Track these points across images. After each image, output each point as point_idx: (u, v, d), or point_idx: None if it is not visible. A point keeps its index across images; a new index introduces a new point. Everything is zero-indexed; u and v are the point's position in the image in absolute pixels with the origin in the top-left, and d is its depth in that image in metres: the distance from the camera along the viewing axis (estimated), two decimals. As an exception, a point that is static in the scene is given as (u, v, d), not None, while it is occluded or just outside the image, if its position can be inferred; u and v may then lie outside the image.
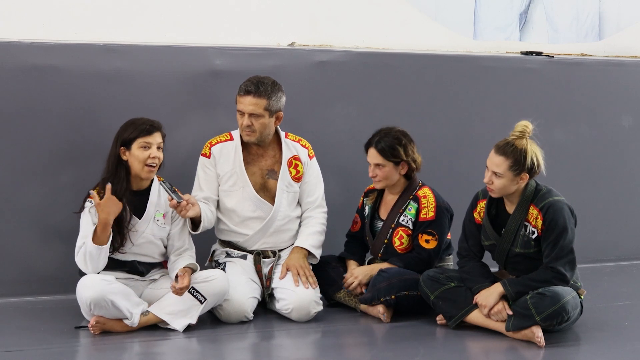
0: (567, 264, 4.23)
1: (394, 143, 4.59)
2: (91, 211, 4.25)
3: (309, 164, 4.74)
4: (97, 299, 4.11)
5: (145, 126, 4.29)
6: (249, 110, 4.51)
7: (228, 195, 4.64)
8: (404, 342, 4.25)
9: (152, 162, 4.29)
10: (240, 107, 4.54)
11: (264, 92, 4.50)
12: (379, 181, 4.65)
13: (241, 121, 4.55)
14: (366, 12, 5.62)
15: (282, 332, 4.41)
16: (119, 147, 4.29)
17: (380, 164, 4.60)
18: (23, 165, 4.77)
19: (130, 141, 4.27)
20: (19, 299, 4.72)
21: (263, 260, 4.67)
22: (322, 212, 4.79)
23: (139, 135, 4.27)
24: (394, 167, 4.61)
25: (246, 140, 4.60)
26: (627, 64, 6.05)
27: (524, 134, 4.23)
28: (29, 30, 4.86)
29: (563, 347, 4.19)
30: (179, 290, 4.21)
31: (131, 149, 4.28)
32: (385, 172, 4.62)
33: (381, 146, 4.59)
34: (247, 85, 4.52)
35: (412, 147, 4.64)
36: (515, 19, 6.06)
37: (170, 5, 5.19)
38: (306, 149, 4.76)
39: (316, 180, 4.78)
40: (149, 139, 4.28)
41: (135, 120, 4.33)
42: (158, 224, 4.40)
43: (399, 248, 4.67)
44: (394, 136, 4.61)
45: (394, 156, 4.59)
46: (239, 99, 4.54)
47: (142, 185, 4.38)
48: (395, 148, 4.58)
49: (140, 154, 4.27)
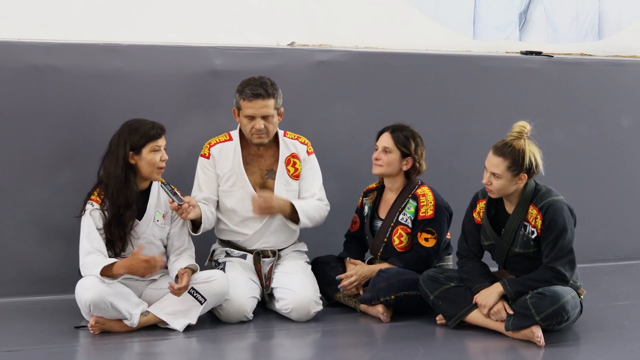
0: (566, 264, 4.23)
1: (410, 136, 4.65)
2: (92, 214, 4.25)
3: (306, 160, 4.73)
4: (96, 300, 4.11)
5: (154, 131, 4.29)
6: (262, 113, 4.49)
7: (228, 195, 4.64)
8: (404, 342, 4.25)
9: (162, 164, 4.31)
10: (250, 111, 4.49)
11: (271, 92, 4.50)
12: (380, 166, 4.65)
13: (252, 124, 4.51)
14: (366, 12, 5.62)
15: (282, 332, 4.41)
16: (128, 152, 4.27)
17: (389, 149, 4.62)
18: (23, 165, 4.78)
19: (141, 146, 4.27)
20: (18, 299, 4.72)
21: (263, 260, 4.67)
22: (323, 203, 4.73)
23: (149, 140, 4.27)
24: (399, 157, 4.63)
25: (258, 143, 4.57)
26: (626, 63, 6.05)
27: (521, 134, 4.24)
28: (29, 30, 4.86)
29: (563, 347, 4.19)
30: (177, 290, 4.21)
31: (141, 153, 4.27)
32: (390, 159, 4.62)
33: (397, 134, 4.64)
34: (253, 89, 4.48)
35: (422, 149, 4.68)
36: (515, 18, 6.06)
37: (170, 5, 5.19)
38: (305, 145, 4.74)
39: (313, 175, 4.74)
40: (159, 143, 4.30)
41: (139, 125, 4.30)
42: (158, 224, 4.40)
43: (398, 247, 4.67)
44: (411, 131, 4.68)
45: (404, 146, 4.62)
46: (247, 104, 4.49)
47: (142, 187, 4.38)
48: (409, 140, 4.63)
49: (152, 157, 4.28)
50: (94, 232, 4.23)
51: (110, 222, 4.24)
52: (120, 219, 4.25)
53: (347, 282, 4.63)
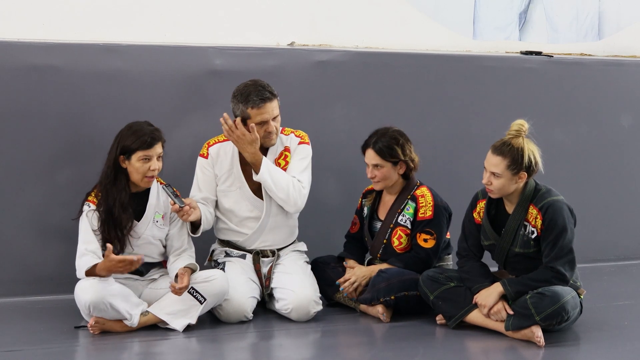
0: (566, 264, 4.23)
1: (392, 143, 4.59)
2: (88, 215, 4.25)
3: (296, 148, 4.65)
4: (95, 301, 4.11)
5: (147, 138, 4.23)
6: (273, 115, 4.48)
7: (226, 195, 4.63)
8: (404, 342, 4.25)
9: (152, 174, 4.28)
10: (262, 117, 4.45)
11: (273, 92, 4.50)
12: (378, 182, 4.65)
13: (264, 128, 4.48)
14: (366, 12, 5.62)
15: (281, 332, 4.41)
16: (119, 155, 4.26)
17: (379, 165, 4.60)
18: (23, 165, 4.78)
19: (131, 152, 4.23)
20: (18, 299, 4.73)
21: (262, 260, 4.67)
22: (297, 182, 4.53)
23: (140, 147, 4.22)
24: (392, 167, 4.61)
25: (269, 145, 4.55)
26: (626, 63, 6.05)
27: (520, 133, 4.24)
28: (29, 30, 4.86)
29: (563, 347, 4.19)
30: (178, 290, 4.21)
31: (131, 159, 4.24)
32: (384, 173, 4.62)
33: (379, 147, 4.58)
34: (259, 95, 4.43)
35: (409, 146, 4.64)
36: (514, 18, 6.06)
37: (170, 5, 5.19)
38: (298, 138, 4.67)
39: (298, 161, 4.60)
40: (149, 152, 4.24)
41: (137, 129, 4.26)
42: (157, 225, 4.39)
43: (397, 248, 4.67)
44: (391, 136, 4.61)
45: (392, 156, 4.59)
46: (257, 111, 4.44)
47: (140, 188, 4.37)
48: (393, 148, 4.58)
49: (140, 166, 4.24)
50: (89, 235, 4.23)
51: (104, 222, 4.24)
52: (115, 220, 4.24)
53: (347, 284, 4.63)
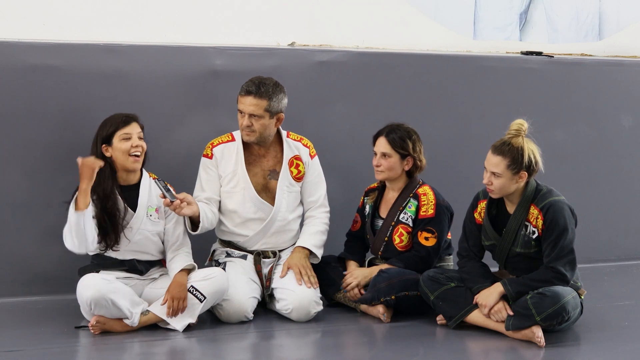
0: (567, 264, 4.23)
1: (405, 136, 4.63)
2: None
3: (310, 164, 4.74)
4: (97, 298, 4.11)
5: (122, 117, 4.33)
6: (249, 110, 4.51)
7: (229, 196, 4.63)
8: (404, 342, 4.25)
9: (136, 151, 4.30)
10: (240, 107, 4.54)
11: (265, 92, 4.50)
12: (382, 171, 4.65)
13: (241, 121, 4.55)
14: (366, 12, 5.62)
15: (282, 332, 4.41)
16: (100, 146, 4.30)
17: (387, 154, 4.61)
18: (22, 165, 4.78)
19: (110, 136, 4.30)
20: (18, 299, 4.72)
21: (263, 261, 4.67)
22: (325, 211, 4.79)
23: (117, 128, 4.30)
24: (399, 159, 4.63)
25: (246, 140, 4.60)
26: (626, 63, 6.05)
27: (519, 132, 4.24)
28: (29, 30, 4.86)
29: (563, 347, 4.19)
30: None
31: (112, 143, 4.30)
32: (390, 163, 4.62)
33: (392, 136, 4.62)
34: (248, 86, 4.52)
35: (420, 145, 4.68)
36: (515, 18, 6.06)
37: (170, 5, 5.19)
38: (307, 148, 4.75)
39: (318, 180, 4.78)
40: (127, 130, 4.30)
41: (110, 118, 4.36)
42: (151, 219, 4.39)
43: (399, 246, 4.67)
44: (405, 129, 4.67)
45: (402, 148, 4.61)
46: (240, 98, 4.54)
47: (130, 180, 4.37)
48: (405, 140, 4.62)
49: (123, 145, 4.29)
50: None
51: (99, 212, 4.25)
52: (105, 210, 4.25)
53: (349, 287, 4.63)
